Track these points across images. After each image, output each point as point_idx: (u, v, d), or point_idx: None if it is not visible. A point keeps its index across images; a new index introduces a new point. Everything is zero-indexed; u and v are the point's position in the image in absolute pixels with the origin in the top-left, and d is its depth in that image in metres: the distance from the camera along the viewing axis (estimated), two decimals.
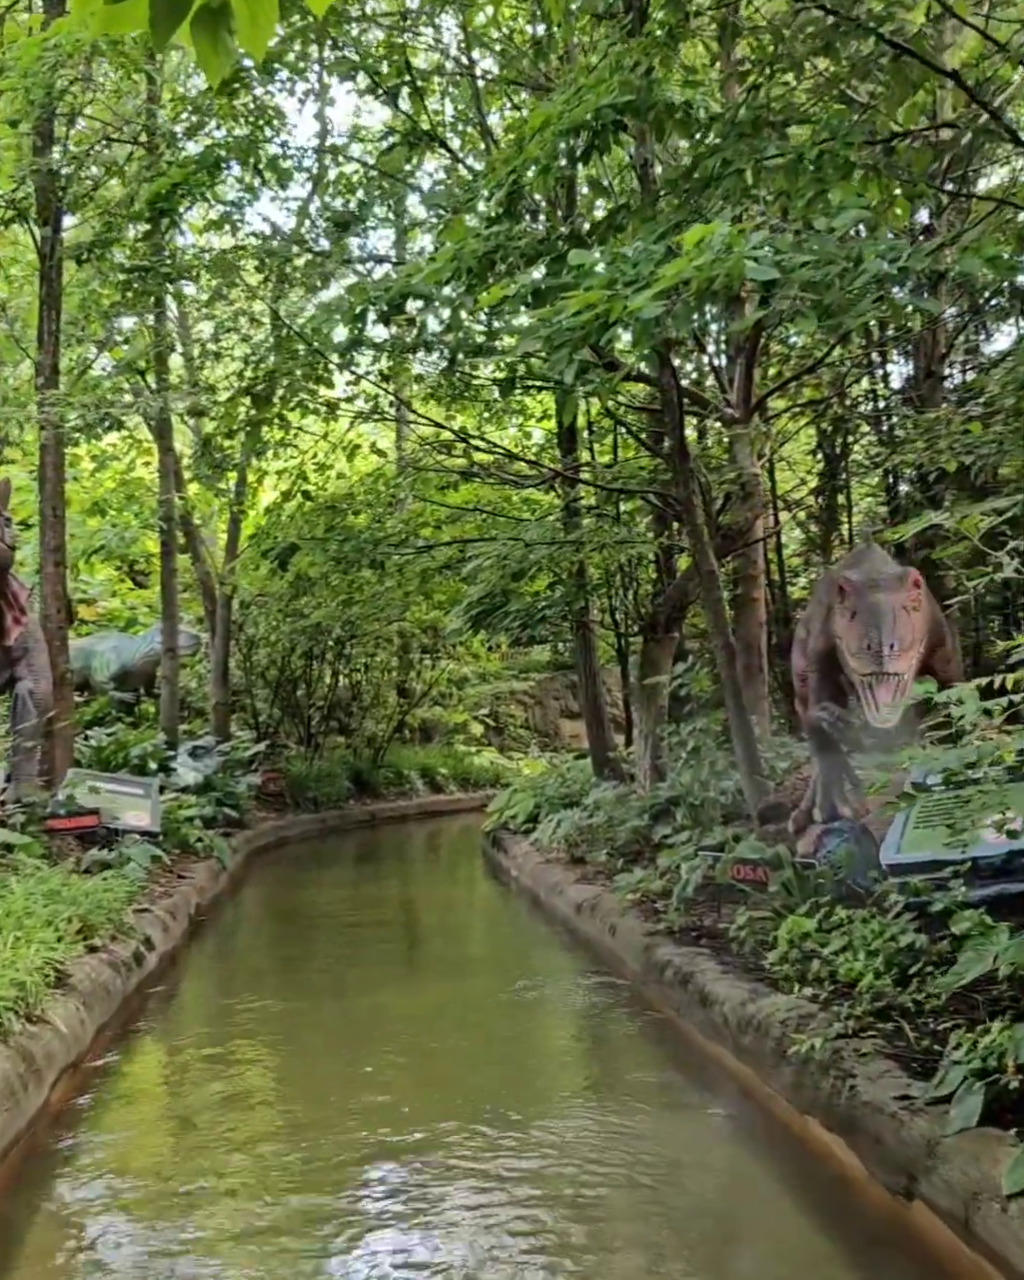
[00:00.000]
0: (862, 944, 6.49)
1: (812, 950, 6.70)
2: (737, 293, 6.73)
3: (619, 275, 6.75)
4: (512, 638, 13.68)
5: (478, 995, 8.72)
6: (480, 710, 29.77)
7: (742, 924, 7.66)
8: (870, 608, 8.17)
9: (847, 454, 23.54)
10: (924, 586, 9.21)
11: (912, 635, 8.14)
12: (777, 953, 6.81)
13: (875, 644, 8.00)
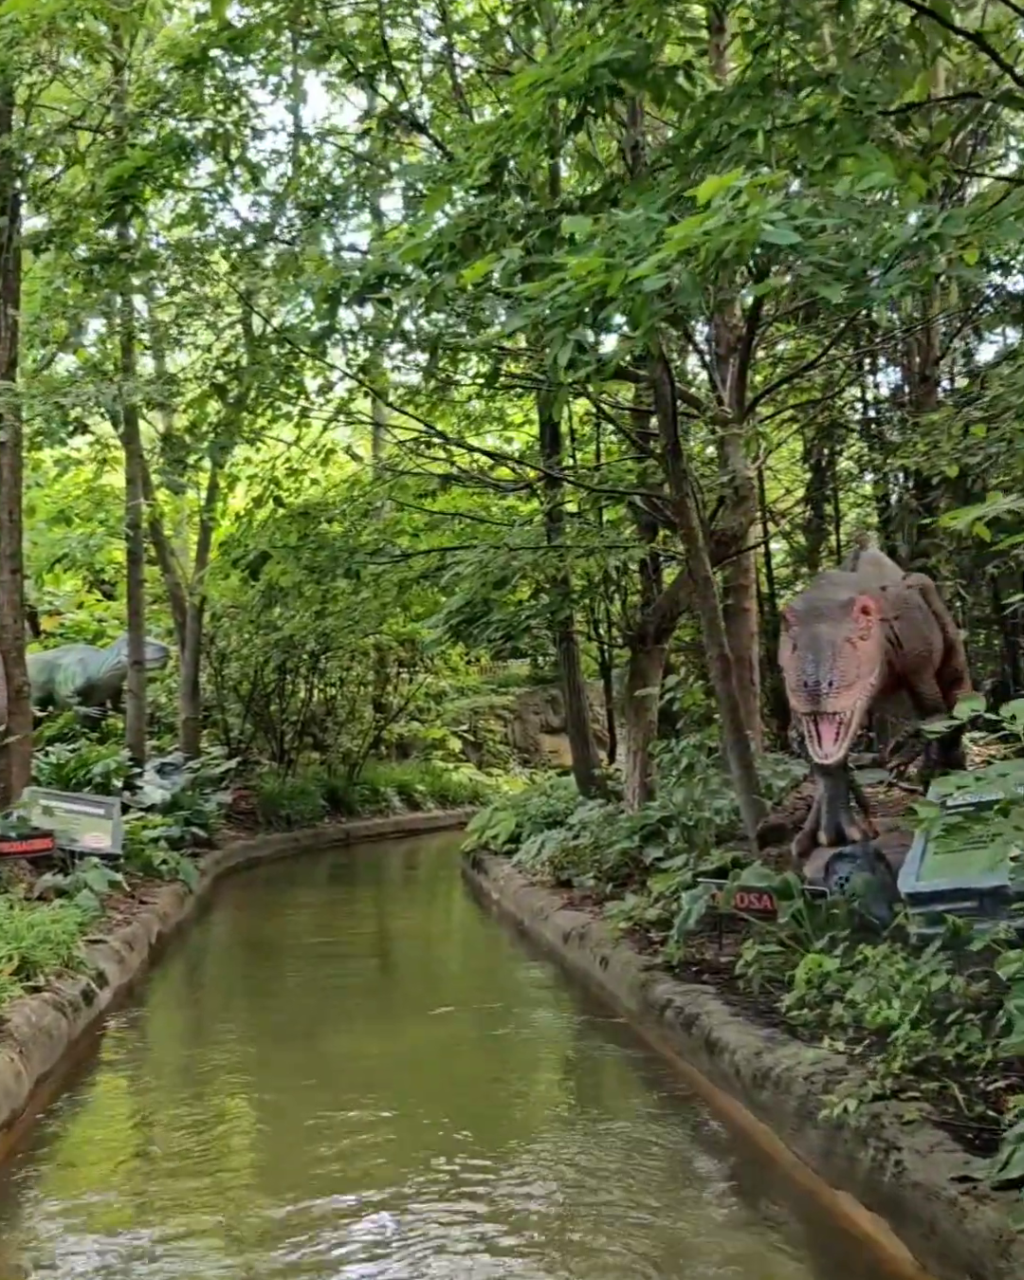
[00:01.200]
0: (888, 985, 5.82)
1: (833, 992, 6.04)
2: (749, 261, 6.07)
3: (617, 247, 6.10)
4: (493, 649, 13.02)
5: (460, 1037, 8.01)
6: (459, 726, 29.06)
7: (749, 959, 6.99)
8: (810, 641, 7.65)
9: (834, 462, 23.03)
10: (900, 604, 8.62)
11: (856, 670, 7.62)
12: (793, 995, 6.13)
13: (812, 681, 7.46)
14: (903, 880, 7.31)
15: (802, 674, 7.48)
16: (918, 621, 8.94)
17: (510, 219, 7.42)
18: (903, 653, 8.53)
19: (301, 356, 11.30)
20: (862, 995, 5.77)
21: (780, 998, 6.60)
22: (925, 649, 8.84)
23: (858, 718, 7.60)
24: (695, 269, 5.87)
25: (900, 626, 8.59)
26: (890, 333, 16.74)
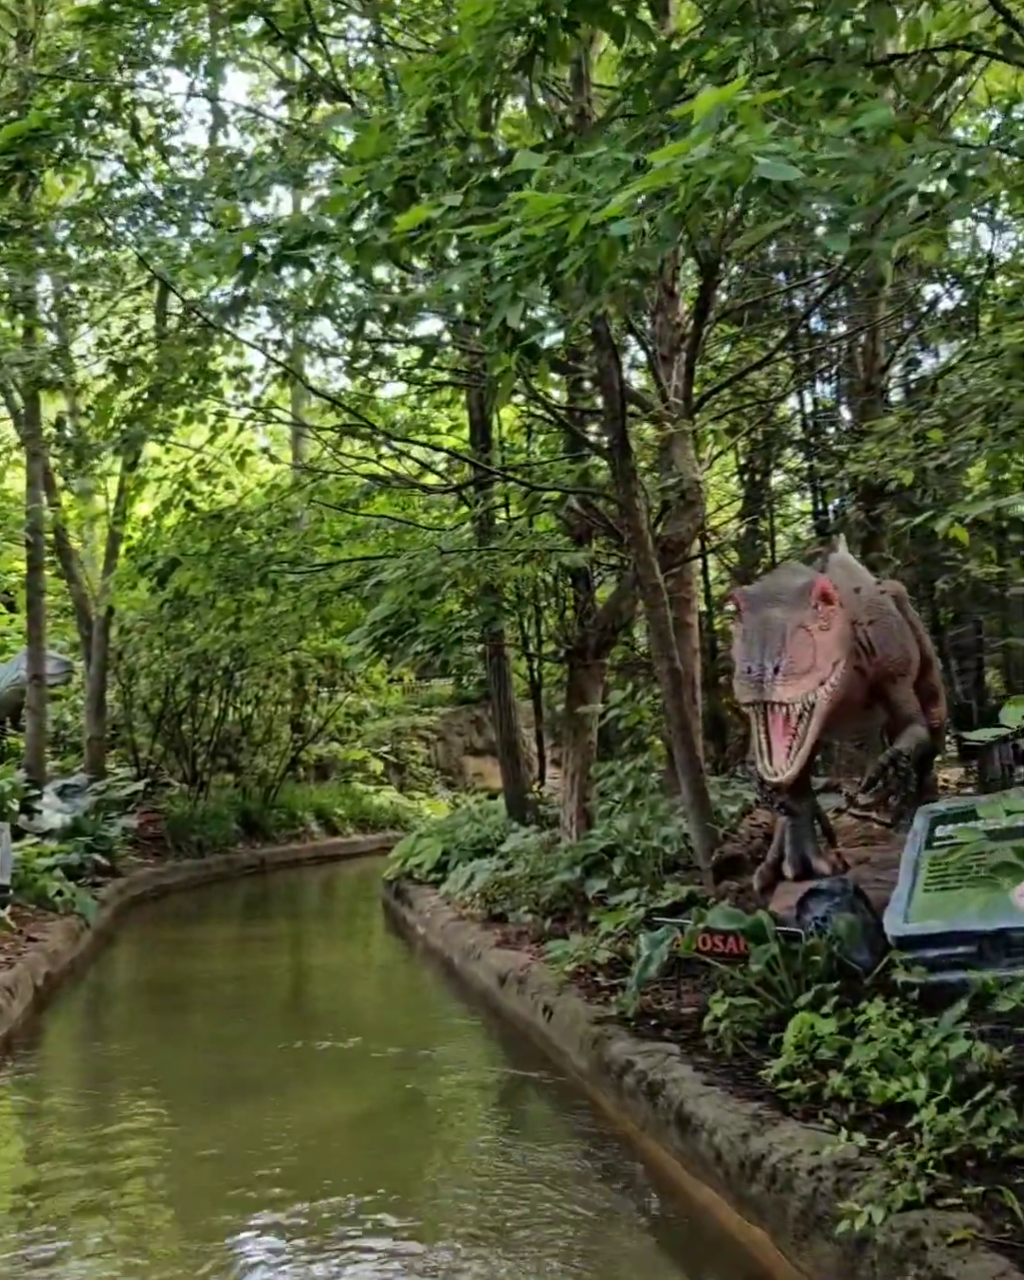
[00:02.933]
0: (893, 1051, 4.95)
1: (828, 1059, 5.15)
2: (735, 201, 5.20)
3: (576, 192, 5.22)
4: (420, 663, 12.06)
5: (383, 1104, 6.97)
6: (380, 747, 28.01)
7: (719, 1013, 6.08)
8: (759, 625, 6.72)
9: (769, 474, 22.42)
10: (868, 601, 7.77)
11: (810, 659, 6.67)
12: (781, 1062, 5.23)
13: (757, 666, 6.55)
14: (890, 922, 6.47)
15: (746, 660, 6.61)
16: (893, 628, 8.12)
17: (450, 166, 6.52)
18: (877, 660, 7.68)
19: (214, 335, 10.26)
20: (864, 1063, 4.89)
21: (758, 1060, 5.71)
22: (902, 656, 8.01)
23: (815, 726, 6.68)
24: (673, 210, 5.01)
25: (874, 632, 7.75)
26: (836, 340, 16.12)
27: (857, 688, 7.56)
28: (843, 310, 17.52)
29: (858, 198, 4.97)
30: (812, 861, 8.20)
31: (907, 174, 5.12)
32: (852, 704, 7.70)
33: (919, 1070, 4.76)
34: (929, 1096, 4.42)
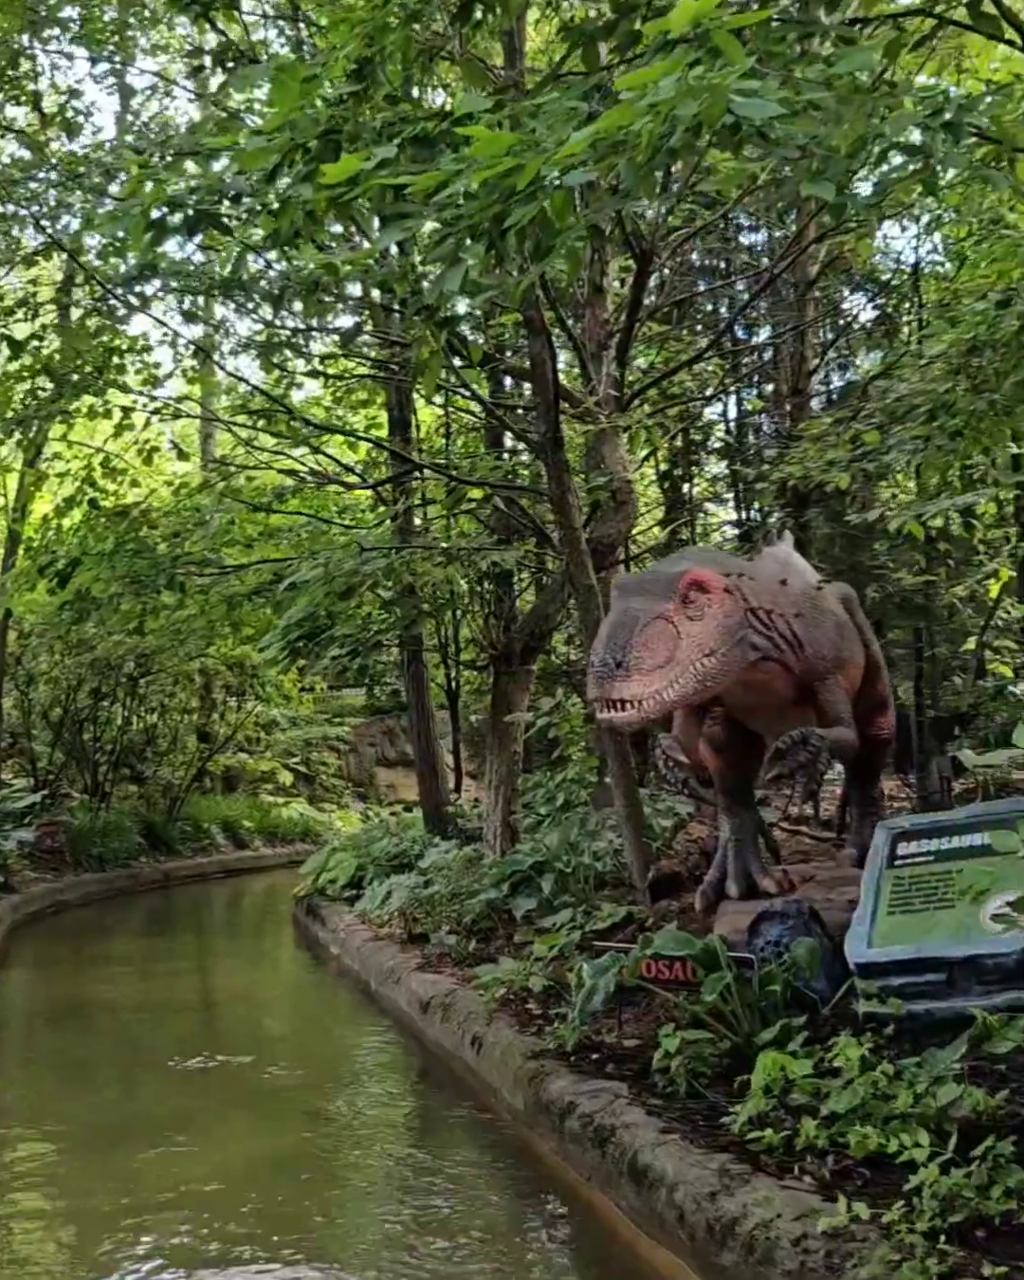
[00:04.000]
0: (874, 1095, 4.44)
1: (801, 1104, 4.62)
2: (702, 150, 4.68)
3: (524, 143, 4.67)
4: (335, 670, 11.42)
5: (292, 1148, 6.28)
6: (290, 758, 27.22)
7: (671, 1048, 5.54)
8: (618, 615, 6.14)
9: (691, 480, 22.08)
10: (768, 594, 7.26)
11: (667, 653, 6.03)
12: (749, 1107, 4.68)
13: (599, 661, 5.96)
14: (852, 947, 5.98)
15: (593, 654, 6.06)
16: (827, 626, 7.56)
17: (381, 120, 5.94)
18: (805, 655, 7.10)
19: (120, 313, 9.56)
20: (843, 1110, 4.37)
21: (717, 1102, 5.18)
22: (835, 655, 7.45)
23: (662, 705, 6.10)
24: (637, 157, 4.49)
25: (801, 626, 7.18)
26: (765, 342, 15.79)
27: (783, 684, 7.05)
28: (770, 313, 17.19)
29: (839, 147, 4.49)
30: (757, 880, 7.71)
31: (890, 124, 4.65)
32: (778, 699, 7.19)
33: (905, 1119, 4.26)
34: (932, 1155, 3.90)
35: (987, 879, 5.85)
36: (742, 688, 6.86)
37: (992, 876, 5.89)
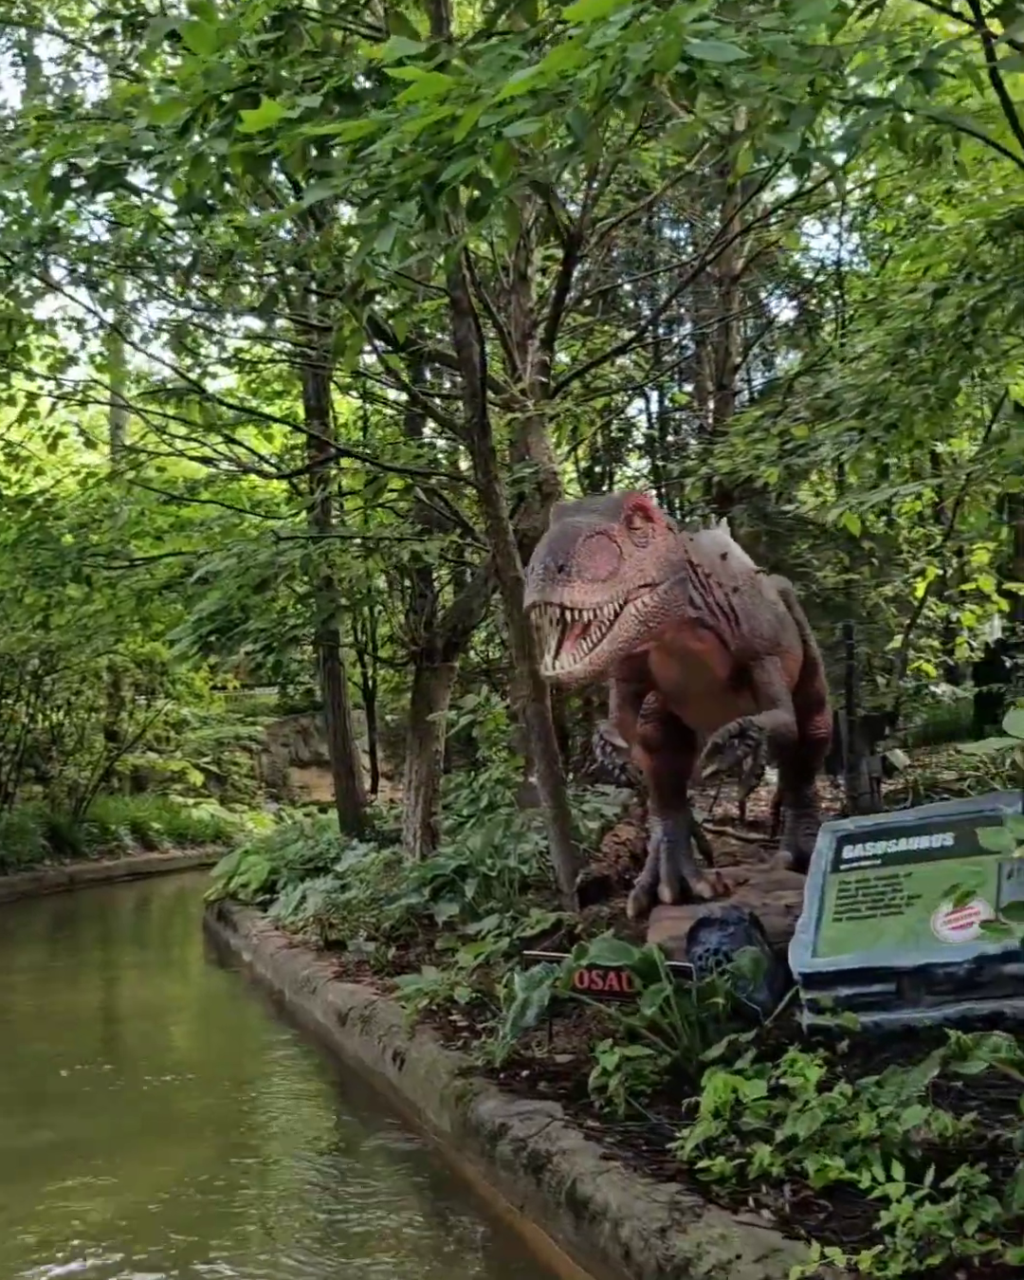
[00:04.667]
0: (825, 1116, 4.14)
1: (755, 1129, 4.30)
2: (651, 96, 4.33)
3: (461, 91, 4.31)
4: (251, 665, 10.97)
5: (204, 1175, 5.87)
6: (201, 757, 26.58)
7: (609, 1065, 5.20)
8: (558, 530, 5.66)
9: (612, 477, 21.86)
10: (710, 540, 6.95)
11: (610, 569, 5.58)
12: (698, 1132, 4.34)
13: (539, 565, 5.45)
14: (795, 956, 5.68)
15: (533, 560, 5.53)
16: (765, 609, 7.21)
17: (303, 73, 5.55)
18: (740, 631, 6.74)
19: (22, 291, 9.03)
20: (803, 1134, 4.06)
21: (659, 1124, 4.85)
22: (773, 636, 7.07)
23: (618, 640, 5.67)
24: (584, 101, 4.15)
25: (739, 601, 6.83)
26: (691, 334, 15.57)
27: (719, 660, 6.71)
28: (694, 308, 16.98)
29: (801, 98, 4.18)
30: (690, 883, 7.41)
31: (856, 72, 4.36)
32: (712, 681, 6.84)
33: (867, 1145, 3.96)
34: (908, 1190, 3.60)
35: (943, 884, 5.62)
36: (678, 662, 6.55)
37: (947, 881, 5.65)
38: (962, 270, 9.01)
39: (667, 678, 6.83)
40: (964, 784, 10.39)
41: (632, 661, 6.71)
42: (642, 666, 6.77)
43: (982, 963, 5.20)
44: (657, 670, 6.76)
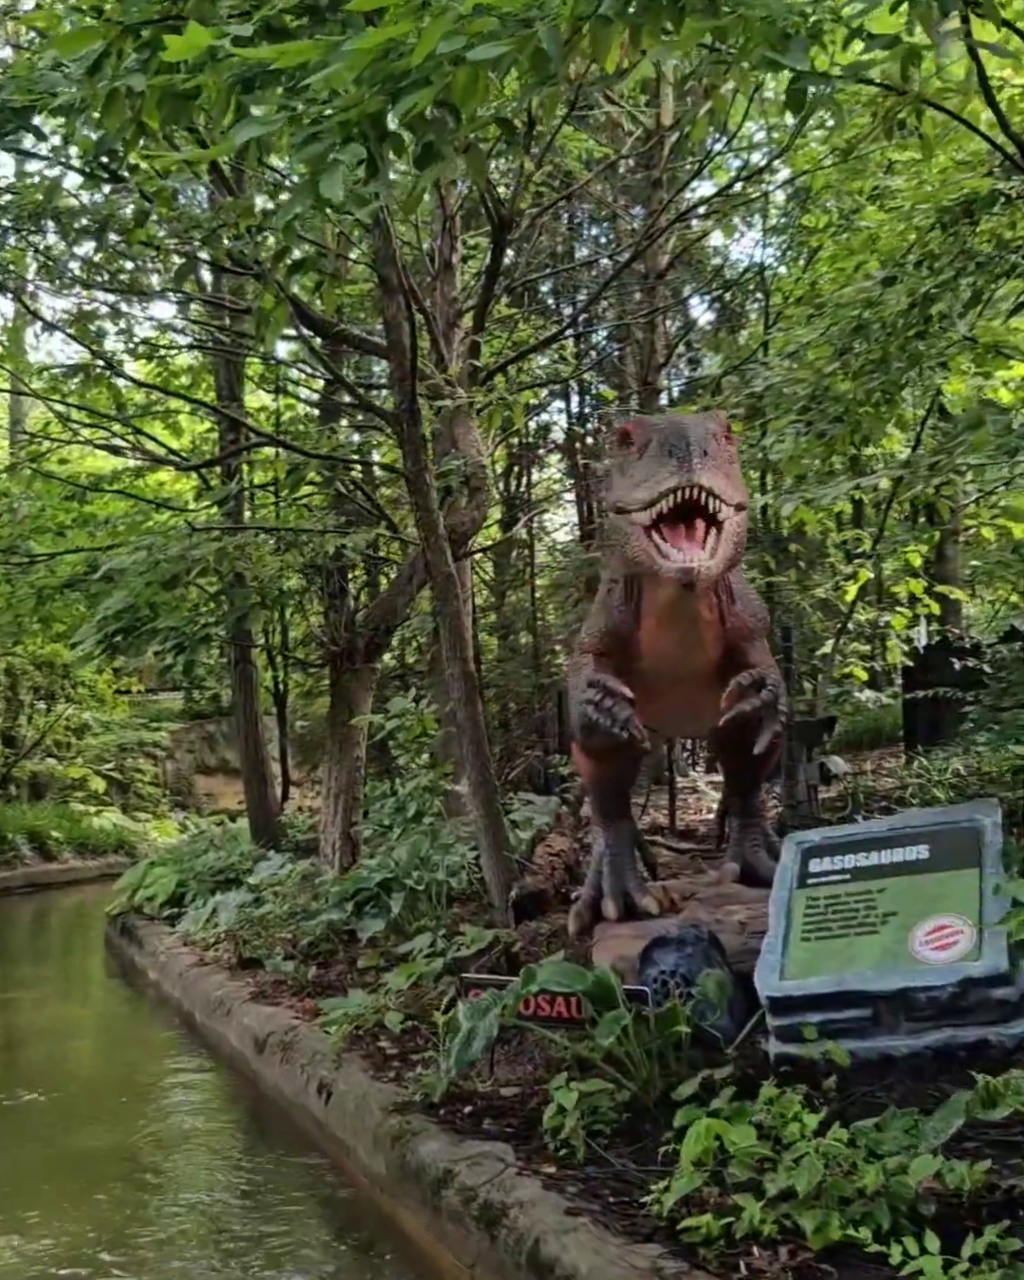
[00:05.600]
0: (826, 1166, 3.69)
1: (744, 1181, 3.83)
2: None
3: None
4: (158, 668, 10.33)
5: (106, 1225, 5.30)
6: (103, 764, 25.67)
7: (566, 1102, 4.71)
8: (670, 427, 5.24)
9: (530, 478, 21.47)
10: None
11: (734, 472, 5.41)
12: (679, 1186, 3.86)
13: (681, 445, 5.05)
14: (762, 979, 5.24)
15: (662, 452, 5.07)
16: (748, 587, 6.82)
17: (226, 10, 5.01)
18: (735, 609, 6.33)
19: None
20: (802, 1188, 3.60)
21: (623, 1169, 4.37)
22: (761, 619, 6.67)
23: (735, 543, 5.36)
24: (557, 21, 3.68)
25: (734, 577, 6.43)
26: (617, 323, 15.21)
27: (713, 636, 6.27)
28: (619, 303, 16.62)
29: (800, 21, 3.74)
30: (635, 899, 6.95)
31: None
32: (704, 660, 6.40)
33: (872, 1199, 3.51)
34: (922, 1249, 3.15)
35: (920, 900, 5.22)
36: (677, 633, 6.13)
37: (924, 898, 5.26)
38: (908, 258, 8.72)
39: (657, 653, 6.27)
40: (905, 792, 10.09)
41: (620, 633, 6.27)
42: (630, 639, 6.27)
43: (966, 986, 4.81)
44: (648, 643, 6.22)
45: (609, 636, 6.34)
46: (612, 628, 6.34)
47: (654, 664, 6.30)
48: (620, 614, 6.28)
